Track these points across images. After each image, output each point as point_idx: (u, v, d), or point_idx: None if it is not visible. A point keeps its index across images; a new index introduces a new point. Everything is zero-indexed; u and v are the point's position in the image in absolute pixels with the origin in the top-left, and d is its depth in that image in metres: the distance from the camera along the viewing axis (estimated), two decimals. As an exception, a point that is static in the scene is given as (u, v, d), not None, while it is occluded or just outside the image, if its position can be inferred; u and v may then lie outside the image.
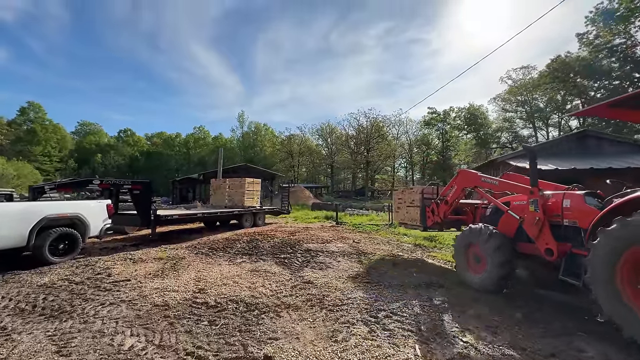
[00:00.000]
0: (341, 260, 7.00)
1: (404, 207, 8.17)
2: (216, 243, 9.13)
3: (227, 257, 7.27)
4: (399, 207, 8.42)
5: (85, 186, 7.82)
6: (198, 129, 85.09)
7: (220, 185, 13.70)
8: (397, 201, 8.54)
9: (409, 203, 7.84)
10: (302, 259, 7.13)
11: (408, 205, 7.87)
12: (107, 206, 7.81)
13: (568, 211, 4.06)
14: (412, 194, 7.83)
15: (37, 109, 66.51)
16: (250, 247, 8.59)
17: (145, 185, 8.85)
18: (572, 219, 4.00)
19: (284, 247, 8.55)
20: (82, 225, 7.19)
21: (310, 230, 12.13)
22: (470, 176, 5.79)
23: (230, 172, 23.82)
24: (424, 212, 6.66)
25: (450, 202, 6.10)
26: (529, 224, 4.38)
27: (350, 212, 20.23)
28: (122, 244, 9.22)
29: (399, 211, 8.43)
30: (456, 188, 5.98)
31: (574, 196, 4.12)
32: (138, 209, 8.71)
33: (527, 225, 4.41)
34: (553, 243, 4.08)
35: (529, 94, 46.55)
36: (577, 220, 3.96)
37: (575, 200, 4.06)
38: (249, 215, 12.88)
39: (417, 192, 7.52)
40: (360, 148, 50.41)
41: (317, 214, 19.04)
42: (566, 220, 4.07)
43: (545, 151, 14.20)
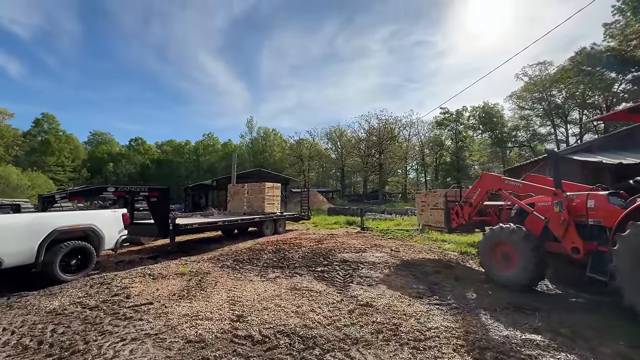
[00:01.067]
0: (389, 274, 6.08)
1: (427, 209, 8.10)
2: (240, 254, 8.32)
3: (257, 271, 6.42)
4: (422, 209, 8.37)
5: (99, 194, 7.14)
6: (207, 135, 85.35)
7: (239, 190, 12.95)
8: (421, 204, 8.47)
9: (433, 206, 7.81)
10: (343, 272, 6.24)
11: (432, 208, 7.86)
12: (122, 216, 7.09)
13: (592, 211, 4.22)
14: (436, 196, 7.82)
15: (50, 120, 67.57)
16: (279, 258, 7.74)
17: (163, 191, 8.13)
18: (597, 219, 4.16)
19: (316, 257, 7.68)
20: (96, 238, 6.47)
21: (337, 237, 11.23)
22: (494, 179, 5.98)
23: (243, 178, 23.14)
24: (448, 215, 6.76)
25: (474, 204, 6.21)
26: (554, 224, 4.53)
27: (371, 217, 19.24)
28: (138, 256, 8.48)
29: (422, 214, 8.40)
30: (480, 191, 6.11)
31: (598, 196, 4.26)
32: (155, 217, 7.97)
33: (553, 225, 4.55)
34: (579, 242, 4.21)
35: (546, 91, 44.92)
36: (601, 219, 4.11)
37: (600, 200, 4.20)
38: (270, 222, 12.07)
39: (440, 195, 7.51)
40: (371, 150, 49.45)
41: (337, 219, 18.13)
42: (591, 220, 4.22)
43: (613, 144, 12.75)
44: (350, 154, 56.09)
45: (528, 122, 48.25)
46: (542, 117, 47.44)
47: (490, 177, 6.13)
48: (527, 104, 47.66)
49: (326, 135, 61.63)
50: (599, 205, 4.19)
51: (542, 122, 47.77)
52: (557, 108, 45.06)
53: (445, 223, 6.98)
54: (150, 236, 9.21)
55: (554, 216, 4.55)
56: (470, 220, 6.47)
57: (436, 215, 7.64)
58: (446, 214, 6.87)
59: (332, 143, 62.10)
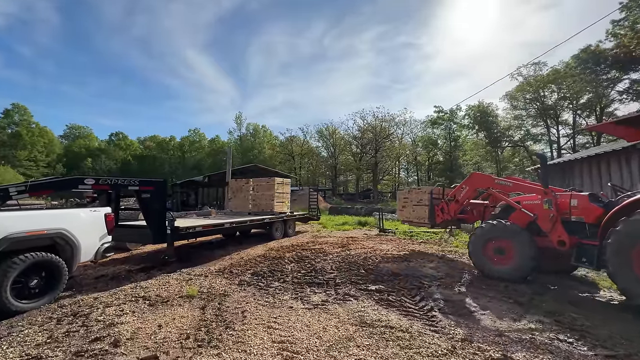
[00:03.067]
0: (470, 293, 4.64)
1: (409, 206, 8.31)
2: (255, 264, 6.69)
3: (290, 291, 4.83)
4: (404, 206, 8.57)
5: (73, 188, 5.32)
6: (193, 131, 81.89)
7: (242, 187, 11.23)
8: (402, 200, 8.67)
9: (416, 202, 8.07)
10: (407, 292, 4.74)
11: (415, 204, 8.11)
12: (105, 217, 5.33)
13: (575, 209, 4.84)
14: (420, 193, 8.07)
15: (22, 112, 62.78)
16: (307, 269, 6.18)
17: (159, 185, 6.38)
18: (579, 216, 4.79)
19: (354, 268, 6.18)
20: (68, 247, 4.70)
21: (360, 241, 9.74)
22: (484, 179, 6.48)
23: (237, 174, 21.27)
24: (433, 211, 7.04)
25: (461, 201, 6.51)
26: (543, 220, 5.03)
27: (376, 215, 17.81)
28: (125, 267, 6.69)
29: (403, 210, 8.60)
30: (468, 189, 6.40)
31: (580, 197, 4.90)
32: (149, 218, 6.22)
33: (542, 221, 5.05)
34: (565, 235, 4.76)
35: (538, 91, 45.11)
36: (583, 216, 4.76)
37: (582, 200, 4.84)
38: (280, 223, 10.45)
39: (425, 192, 7.78)
40: (366, 148, 48.32)
41: (345, 219, 16.67)
42: (574, 217, 4.85)
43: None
44: (343, 151, 54.80)
45: (521, 123, 48.37)
46: (535, 117, 47.66)
47: (480, 177, 6.53)
48: (520, 103, 47.75)
49: (317, 133, 60.09)
50: (581, 204, 4.81)
51: (535, 122, 47.99)
52: (549, 109, 45.31)
53: (429, 219, 7.25)
54: (141, 242, 7.42)
55: (542, 213, 5.03)
56: (455, 217, 6.80)
57: (419, 212, 7.88)
58: (431, 210, 7.12)
59: (324, 141, 60.64)
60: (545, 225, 4.97)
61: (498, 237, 5.32)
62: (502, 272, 5.19)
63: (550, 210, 4.91)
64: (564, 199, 4.96)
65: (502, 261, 5.24)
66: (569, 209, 4.87)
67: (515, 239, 5.10)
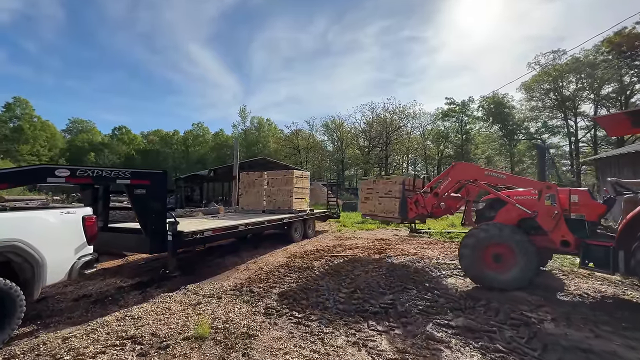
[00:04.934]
0: (592, 331, 3.17)
1: (374, 198, 7.26)
2: (279, 278, 5.29)
3: (342, 329, 3.39)
4: (367, 198, 7.51)
5: (39, 180, 3.92)
6: (197, 125, 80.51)
7: (255, 181, 9.79)
8: (366, 191, 7.59)
9: (384, 194, 7.01)
10: (512, 330, 3.28)
11: (381, 196, 7.07)
12: (84, 220, 3.92)
13: (575, 206, 4.51)
14: (389, 184, 7.04)
15: (23, 105, 61.78)
16: (349, 287, 4.78)
17: (157, 179, 4.96)
18: (580, 213, 4.46)
19: (411, 286, 4.78)
20: (26, 266, 3.31)
21: (396, 244, 8.32)
22: (471, 169, 5.65)
23: (245, 168, 19.83)
24: (405, 204, 6.23)
25: (440, 194, 5.75)
26: (544, 218, 4.53)
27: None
28: (115, 282, 5.30)
29: (366, 202, 7.55)
30: (450, 180, 5.63)
31: (580, 192, 4.65)
32: (145, 221, 4.81)
33: (542, 218, 4.54)
34: (570, 235, 4.32)
35: (556, 81, 43.02)
36: (584, 214, 4.43)
37: (583, 196, 4.57)
38: (300, 223, 9.02)
39: (396, 183, 6.84)
40: (375, 141, 46.69)
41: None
42: (573, 214, 4.49)
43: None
44: (350, 145, 53.23)
45: (538, 114, 46.35)
46: (552, 108, 45.58)
47: (466, 167, 5.74)
48: (537, 94, 45.68)
49: (323, 127, 58.49)
50: (582, 200, 4.50)
51: (552, 114, 45.93)
52: (567, 100, 43.24)
53: (400, 212, 6.36)
54: (135, 251, 6.03)
55: (543, 210, 4.56)
56: (433, 211, 6.01)
57: (387, 205, 6.88)
58: (402, 203, 6.30)
59: (330, 134, 59.03)
60: (547, 224, 4.48)
61: (498, 242, 4.67)
62: (499, 280, 4.59)
63: (553, 207, 4.45)
64: (562, 194, 4.60)
65: (499, 267, 4.63)
66: (568, 206, 4.51)
67: (517, 243, 4.53)
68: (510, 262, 4.55)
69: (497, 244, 4.65)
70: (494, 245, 4.68)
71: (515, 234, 4.56)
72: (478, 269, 4.72)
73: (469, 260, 4.79)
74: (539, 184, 4.75)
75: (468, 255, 4.80)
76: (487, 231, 4.73)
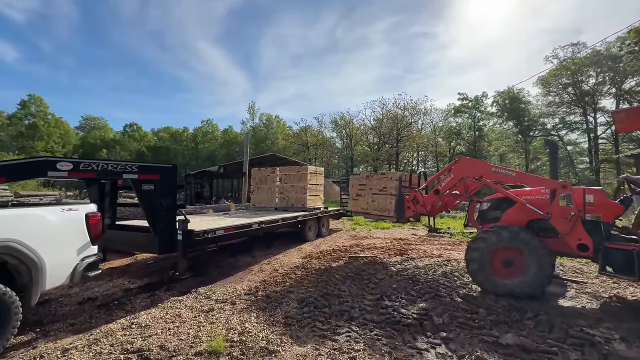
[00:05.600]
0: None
1: (367, 195, 6.83)
2: (297, 281, 4.89)
3: (375, 344, 2.97)
4: (359, 194, 7.03)
5: (39, 174, 3.59)
6: (206, 122, 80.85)
7: (267, 177, 9.41)
8: (358, 188, 7.11)
9: (378, 190, 6.62)
10: (576, 351, 2.81)
11: (375, 193, 6.68)
12: (87, 218, 3.58)
13: (591, 206, 4.16)
14: (384, 180, 6.65)
15: (38, 102, 62.96)
16: (374, 293, 4.36)
17: (167, 173, 4.61)
18: (596, 214, 4.12)
19: (444, 293, 4.32)
20: (23, 269, 2.99)
21: (416, 244, 7.86)
22: (476, 166, 5.21)
23: (255, 164, 19.51)
24: (402, 201, 5.80)
25: (442, 191, 5.31)
26: (559, 219, 4.19)
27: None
28: (122, 283, 4.98)
29: (358, 199, 7.05)
30: (453, 177, 5.17)
31: (596, 192, 4.26)
32: (153, 219, 4.47)
33: (557, 220, 4.21)
34: (587, 238, 4.01)
35: (575, 75, 41.43)
36: (600, 214, 4.10)
37: (599, 195, 4.19)
38: (314, 221, 8.62)
39: (392, 179, 6.41)
40: (386, 138, 45.95)
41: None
42: (588, 215, 4.15)
43: None
44: (359, 142, 52.59)
45: (555, 110, 44.80)
46: (569, 104, 43.98)
47: (470, 163, 5.33)
48: (554, 89, 44.10)
49: (332, 123, 57.92)
50: (598, 200, 4.18)
51: (570, 110, 44.30)
52: (586, 94, 41.60)
53: (397, 211, 5.90)
54: (143, 251, 5.71)
55: (558, 211, 4.19)
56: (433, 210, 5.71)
57: (381, 202, 6.46)
58: (399, 200, 5.85)
59: (338, 131, 58.44)
60: (562, 226, 4.15)
61: (506, 246, 4.34)
62: (510, 287, 4.21)
63: (569, 208, 4.12)
64: (576, 194, 4.27)
65: (512, 274, 4.29)
66: (583, 206, 4.19)
67: (529, 247, 4.19)
68: (522, 267, 4.20)
69: (508, 248, 4.29)
70: (504, 249, 4.32)
71: (530, 238, 4.20)
72: (488, 274, 4.34)
73: (478, 264, 4.40)
74: (553, 182, 4.36)
75: (477, 259, 4.40)
76: (499, 234, 4.34)
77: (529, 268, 4.13)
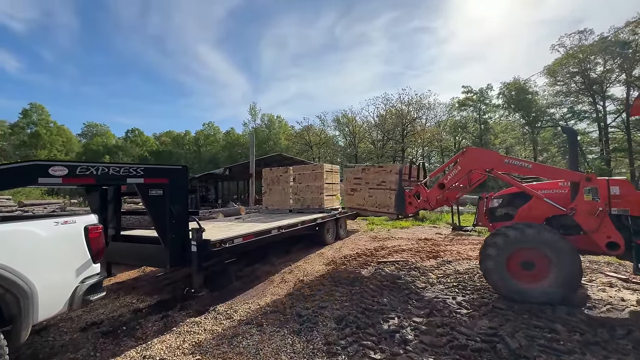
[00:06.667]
0: None
1: (364, 190, 6.14)
2: (327, 294, 4.31)
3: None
4: (354, 189, 6.37)
5: (31, 181, 3.01)
6: (207, 125, 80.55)
7: (280, 177, 8.83)
8: (353, 182, 6.41)
9: (376, 185, 5.96)
10: None
11: (372, 187, 6.01)
12: (87, 232, 3.01)
13: (617, 199, 3.82)
14: (382, 173, 5.92)
15: (40, 111, 62.94)
16: (420, 306, 3.76)
17: (177, 176, 4.04)
18: (623, 207, 3.79)
19: (504, 304, 3.68)
20: (10, 298, 2.42)
21: (445, 245, 7.26)
22: (487, 156, 4.65)
23: (261, 165, 18.95)
24: (403, 196, 5.25)
25: (447, 185, 4.79)
26: (584, 215, 3.82)
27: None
28: (131, 301, 4.42)
29: (353, 194, 6.37)
30: (460, 169, 4.65)
31: (622, 183, 3.91)
32: (163, 228, 3.90)
33: (582, 216, 3.83)
34: (618, 235, 3.66)
35: (583, 63, 40.53)
36: (629, 208, 3.77)
37: (625, 187, 3.86)
38: (332, 222, 8.03)
39: (392, 172, 5.65)
40: (391, 134, 45.32)
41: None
42: (614, 209, 3.80)
43: None
44: (363, 139, 51.98)
45: (563, 99, 43.88)
46: (577, 93, 43.03)
47: (480, 153, 4.78)
48: (561, 78, 43.16)
49: (334, 122, 57.35)
50: (625, 192, 3.81)
51: (578, 99, 43.35)
52: (594, 83, 40.65)
53: (397, 207, 5.34)
54: (152, 264, 5.13)
55: (583, 206, 3.81)
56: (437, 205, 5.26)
57: (379, 197, 5.80)
58: (399, 195, 5.34)
59: (341, 129, 57.84)
60: (589, 223, 3.80)
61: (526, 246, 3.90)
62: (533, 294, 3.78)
63: (595, 203, 3.77)
64: (600, 186, 3.90)
65: (531, 278, 3.86)
66: (608, 199, 3.84)
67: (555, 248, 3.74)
68: (547, 270, 3.76)
69: (530, 248, 3.84)
70: (525, 249, 3.87)
71: (556, 236, 3.77)
72: (505, 275, 3.91)
73: (494, 263, 3.97)
74: (575, 174, 3.97)
75: (493, 257, 3.97)
76: (521, 230, 3.89)
77: (555, 270, 3.69)
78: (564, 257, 3.65)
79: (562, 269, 3.64)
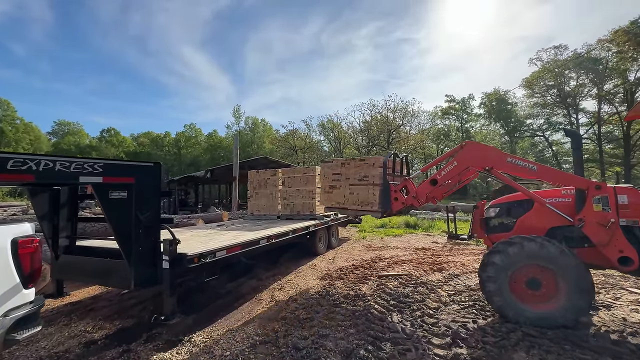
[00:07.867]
0: None
1: (344, 186, 5.37)
2: (326, 317, 3.67)
3: None
4: (333, 186, 5.57)
5: None
6: (189, 127, 78.04)
7: (267, 180, 8.10)
8: (331, 178, 5.59)
9: (357, 180, 5.24)
10: None
11: (353, 183, 5.29)
12: (15, 247, 2.22)
13: (625, 209, 3.47)
14: (364, 167, 5.19)
15: (5, 106, 58.75)
16: (435, 334, 3.18)
17: (147, 174, 3.29)
18: (633, 218, 3.44)
19: (535, 329, 3.15)
20: None
21: (445, 256, 6.80)
22: (488, 153, 4.14)
23: (245, 168, 18.09)
24: (388, 193, 4.66)
25: (440, 182, 4.32)
26: (594, 227, 3.48)
27: (416, 214, 14.79)
28: (82, 332, 3.56)
29: (332, 191, 5.55)
30: (456, 165, 4.16)
31: (630, 191, 3.56)
32: (126, 240, 3.12)
33: (592, 228, 3.50)
34: (631, 250, 3.33)
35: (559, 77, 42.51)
36: (638, 219, 3.42)
37: (634, 195, 3.50)
38: (324, 231, 7.39)
39: (374, 166, 4.98)
40: (376, 140, 45.46)
41: (383, 221, 13.65)
42: (623, 220, 3.45)
43: None
44: (348, 145, 51.95)
45: (540, 111, 45.75)
46: (552, 105, 45.00)
47: (480, 149, 4.24)
48: (538, 91, 45.05)
49: (319, 127, 57.10)
50: (634, 201, 3.46)
51: (554, 111, 45.32)
52: (567, 96, 42.69)
53: (381, 204, 4.73)
54: (111, 284, 4.25)
55: (592, 217, 3.47)
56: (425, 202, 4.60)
57: (362, 194, 5.11)
58: (384, 191, 4.77)
59: (326, 134, 57.64)
60: (599, 236, 3.47)
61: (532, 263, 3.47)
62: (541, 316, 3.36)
63: (606, 214, 3.44)
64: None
65: (537, 298, 3.45)
66: (616, 209, 3.52)
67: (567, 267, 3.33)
68: (555, 289, 3.35)
69: (533, 264, 3.43)
70: (529, 266, 3.45)
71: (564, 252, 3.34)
72: (509, 298, 3.47)
73: (496, 285, 3.51)
74: (584, 181, 3.66)
75: (493, 279, 3.53)
76: (522, 246, 3.47)
77: (565, 288, 3.28)
78: (574, 273, 3.25)
79: (573, 287, 3.24)
